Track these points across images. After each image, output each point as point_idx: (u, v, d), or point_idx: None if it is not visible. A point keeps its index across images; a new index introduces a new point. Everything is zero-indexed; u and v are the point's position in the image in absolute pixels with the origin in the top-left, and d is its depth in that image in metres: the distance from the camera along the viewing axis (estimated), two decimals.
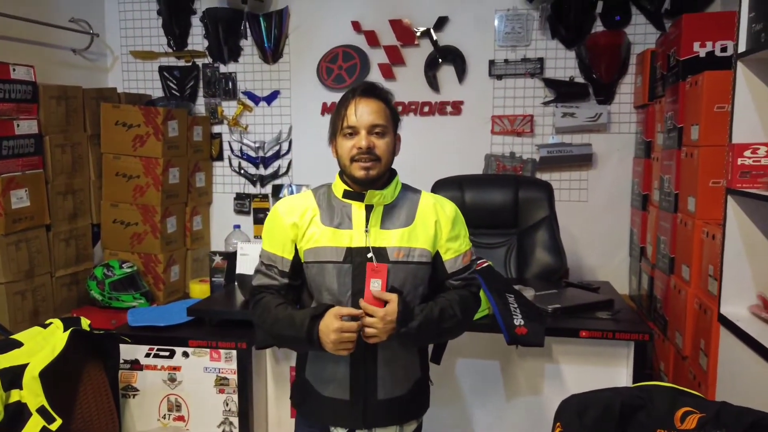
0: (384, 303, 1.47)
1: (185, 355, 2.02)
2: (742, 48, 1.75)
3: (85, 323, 1.86)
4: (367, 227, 1.52)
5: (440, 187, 2.71)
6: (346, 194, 1.55)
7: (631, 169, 3.27)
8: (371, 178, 1.50)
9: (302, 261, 1.55)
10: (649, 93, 2.97)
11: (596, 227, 3.32)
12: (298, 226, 1.54)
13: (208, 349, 2.00)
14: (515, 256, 2.58)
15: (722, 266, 1.85)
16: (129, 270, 3.11)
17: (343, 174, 1.57)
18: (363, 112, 1.49)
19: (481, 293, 1.94)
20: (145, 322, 2.08)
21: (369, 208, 1.53)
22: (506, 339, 1.78)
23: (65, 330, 1.77)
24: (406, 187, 1.63)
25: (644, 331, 1.81)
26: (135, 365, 2.02)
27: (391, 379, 1.53)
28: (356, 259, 1.50)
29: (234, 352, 1.99)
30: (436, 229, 1.56)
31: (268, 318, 1.52)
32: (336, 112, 1.55)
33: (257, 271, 1.61)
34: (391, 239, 1.52)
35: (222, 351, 2.00)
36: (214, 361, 2.00)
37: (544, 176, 3.28)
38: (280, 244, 1.56)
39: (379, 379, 1.52)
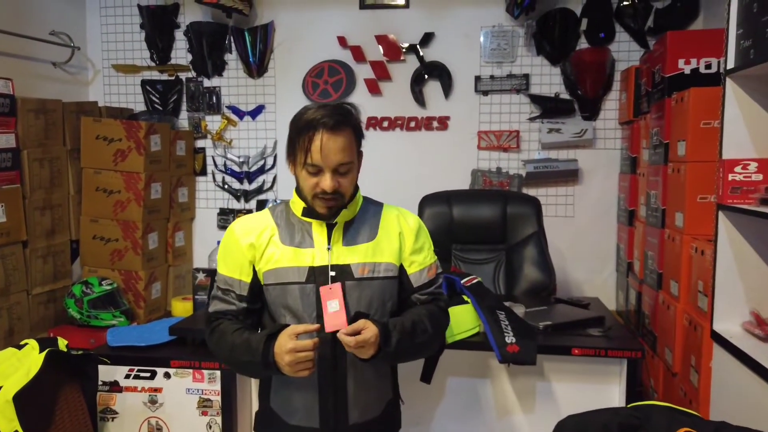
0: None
1: (167, 376, 1.95)
2: (730, 64, 1.76)
3: (62, 343, 1.79)
4: (329, 245, 1.46)
5: (428, 202, 2.68)
6: (306, 212, 1.48)
7: (617, 185, 3.28)
8: (333, 212, 1.44)
9: (262, 283, 1.49)
10: (634, 109, 2.98)
11: (583, 242, 3.32)
12: (255, 246, 1.47)
13: (190, 370, 1.93)
14: (504, 272, 2.56)
15: (714, 283, 1.84)
16: (108, 287, 3.02)
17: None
18: (329, 151, 1.38)
19: (472, 310, 1.91)
20: (126, 342, 2.01)
21: (330, 225, 1.48)
22: (498, 357, 1.74)
23: (41, 351, 1.70)
24: (367, 201, 1.58)
25: (637, 348, 1.79)
26: (114, 387, 1.95)
27: (362, 403, 1.47)
28: (320, 278, 1.44)
29: (218, 373, 1.93)
30: (400, 241, 1.51)
31: (225, 345, 1.44)
32: (298, 138, 1.40)
33: (213, 297, 1.53)
34: (355, 255, 1.47)
35: (205, 371, 1.93)
36: (196, 381, 1.93)
37: (530, 191, 3.27)
38: (237, 267, 1.49)
39: (349, 403, 1.45)
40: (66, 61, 3.38)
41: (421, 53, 3.33)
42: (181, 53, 3.57)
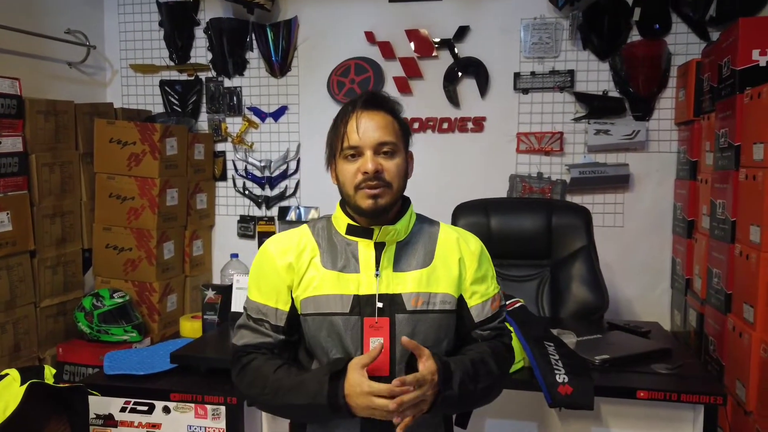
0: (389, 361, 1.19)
1: (166, 410, 1.74)
2: None
3: (49, 373, 1.58)
4: (377, 270, 1.25)
5: (463, 211, 2.42)
6: (351, 230, 1.28)
7: (673, 192, 2.96)
8: (380, 207, 1.23)
9: (299, 312, 1.28)
10: (695, 108, 2.67)
11: (633, 256, 3.01)
12: (294, 268, 1.27)
13: (192, 404, 1.71)
14: (548, 291, 2.28)
15: None
16: (120, 300, 2.85)
17: (346, 204, 1.29)
18: (367, 128, 1.22)
19: (516, 341, 1.65)
20: (123, 370, 1.80)
21: (379, 247, 1.26)
22: (548, 400, 1.48)
23: (23, 383, 1.49)
24: (421, 219, 1.36)
25: (717, 392, 1.49)
26: (108, 421, 1.74)
27: None
28: (365, 309, 1.23)
29: (222, 408, 1.70)
30: (460, 268, 1.29)
31: (266, 386, 1.23)
32: (333, 129, 1.28)
33: (241, 326, 1.32)
34: (407, 283, 1.25)
35: (208, 406, 1.71)
36: (199, 418, 1.71)
37: (574, 199, 2.99)
38: (273, 293, 1.28)
39: None
40: (81, 60, 3.23)
41: (455, 49, 3.08)
42: (200, 52, 3.39)
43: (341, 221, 1.29)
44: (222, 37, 3.31)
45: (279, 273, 1.28)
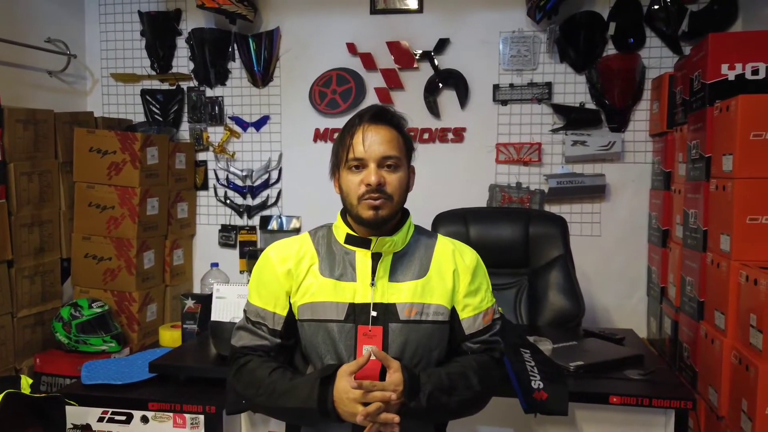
0: (381, 369, 1.21)
1: (144, 419, 1.73)
2: None
3: (25, 383, 1.58)
4: (373, 280, 1.28)
5: (442, 221, 2.45)
6: (349, 239, 1.31)
7: (648, 202, 3.02)
8: (381, 219, 1.26)
9: (296, 318, 1.31)
10: (668, 120, 2.74)
11: (610, 264, 3.06)
12: (293, 275, 1.31)
13: (171, 413, 1.71)
14: (526, 300, 2.31)
15: None
16: (99, 310, 2.83)
17: (348, 214, 1.32)
18: (372, 142, 1.26)
19: None
20: (101, 380, 1.79)
21: (376, 257, 1.30)
22: (523, 406, 1.50)
23: None
24: (419, 230, 1.39)
25: (686, 397, 1.53)
26: (86, 431, 1.74)
27: None
28: (360, 317, 1.26)
29: (201, 417, 1.70)
30: (454, 280, 1.32)
31: (261, 388, 1.25)
32: (340, 141, 1.31)
33: (240, 328, 1.35)
34: (402, 294, 1.28)
35: (187, 416, 1.70)
36: (177, 427, 1.71)
37: (552, 208, 3.04)
38: (272, 298, 1.32)
39: None
40: (62, 69, 3.22)
41: (436, 60, 3.12)
42: (182, 62, 3.40)
43: (341, 230, 1.33)
44: (204, 47, 3.32)
45: (278, 279, 1.31)
